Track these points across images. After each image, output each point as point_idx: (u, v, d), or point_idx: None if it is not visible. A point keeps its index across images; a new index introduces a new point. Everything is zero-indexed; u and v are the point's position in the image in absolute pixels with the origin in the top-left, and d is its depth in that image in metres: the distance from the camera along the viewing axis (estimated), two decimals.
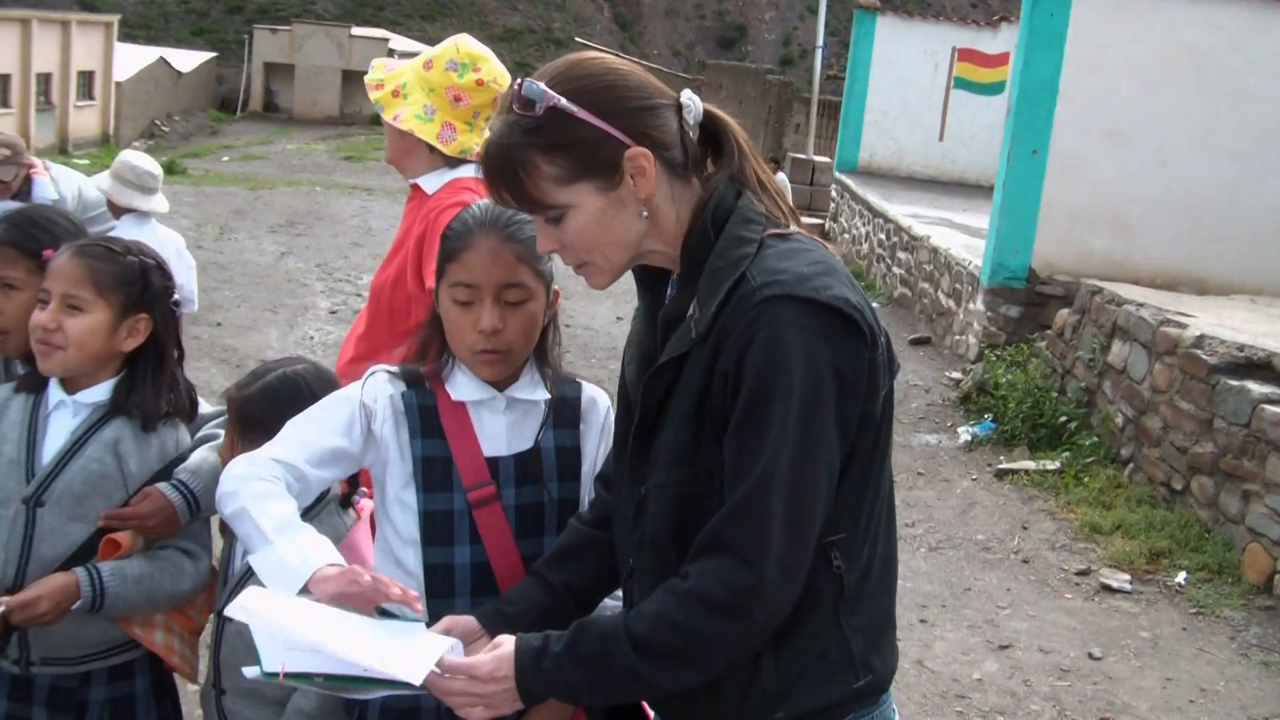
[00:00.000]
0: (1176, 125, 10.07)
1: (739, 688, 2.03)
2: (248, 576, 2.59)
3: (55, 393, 2.77)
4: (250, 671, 2.07)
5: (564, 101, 1.94)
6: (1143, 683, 5.58)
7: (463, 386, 2.47)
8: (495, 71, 3.48)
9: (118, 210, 6.31)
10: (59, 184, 6.02)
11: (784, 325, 1.87)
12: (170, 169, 25.30)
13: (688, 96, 2.06)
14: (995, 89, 18.21)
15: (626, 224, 2.01)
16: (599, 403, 2.63)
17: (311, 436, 2.39)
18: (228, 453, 2.64)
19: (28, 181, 5.94)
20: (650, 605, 1.98)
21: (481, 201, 2.49)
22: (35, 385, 2.79)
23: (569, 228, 2.01)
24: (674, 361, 1.99)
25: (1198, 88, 10.04)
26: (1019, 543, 7.23)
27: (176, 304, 2.86)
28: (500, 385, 2.49)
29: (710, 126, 2.08)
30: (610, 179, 1.97)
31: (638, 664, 1.94)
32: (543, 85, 1.96)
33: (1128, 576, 6.71)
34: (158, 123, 48.21)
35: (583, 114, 1.95)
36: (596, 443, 2.60)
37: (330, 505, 2.72)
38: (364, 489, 2.84)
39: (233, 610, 2.11)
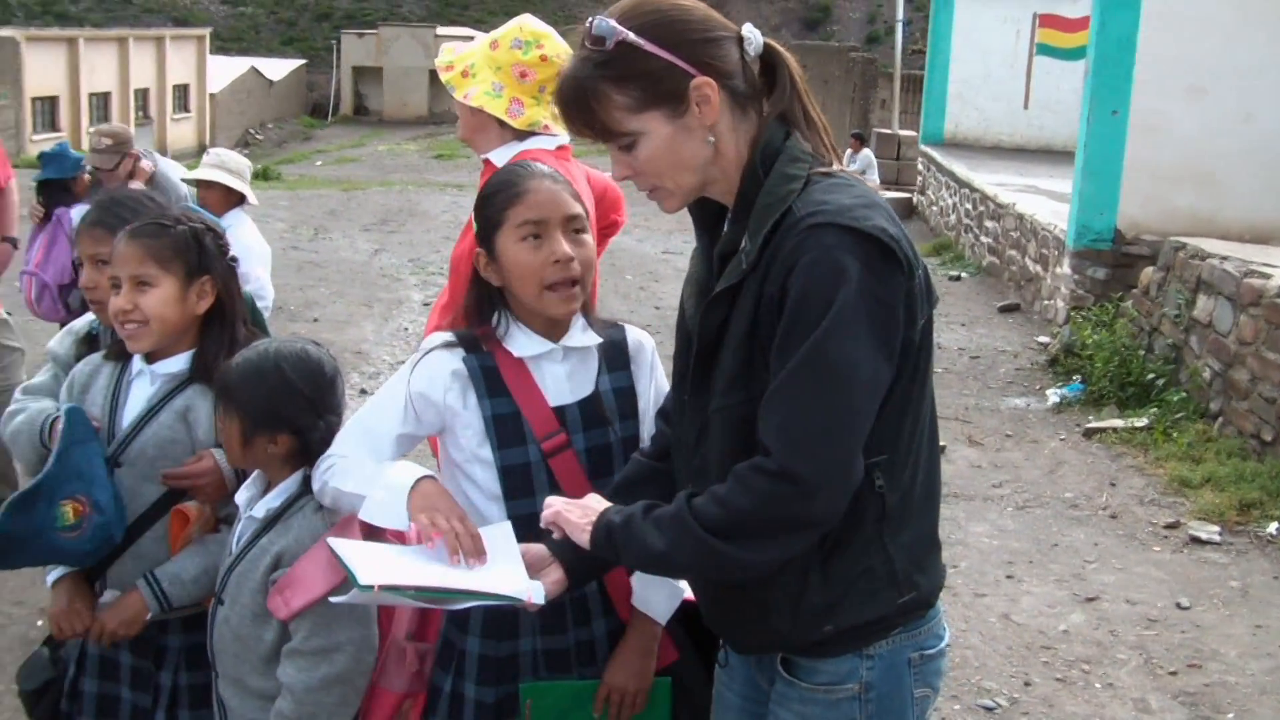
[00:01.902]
0: (1259, 77, 9.93)
1: (789, 602, 2.15)
2: (239, 561, 2.73)
3: (137, 362, 2.98)
4: (339, 597, 2.25)
5: (632, 36, 2.10)
6: (1231, 630, 5.60)
7: (521, 343, 2.61)
8: (558, 48, 3.64)
9: (221, 207, 6.47)
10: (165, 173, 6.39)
11: (825, 250, 1.99)
12: (265, 175, 25.77)
13: (748, 30, 2.18)
14: (1078, 53, 17.92)
15: (694, 150, 2.15)
16: (645, 344, 2.77)
17: (371, 424, 2.62)
18: (219, 421, 2.78)
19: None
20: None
21: (513, 165, 2.67)
22: (122, 353, 3.01)
23: (640, 154, 2.16)
24: (728, 291, 2.12)
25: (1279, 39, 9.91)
26: (1107, 499, 7.25)
27: (234, 259, 3.04)
28: (553, 337, 2.62)
29: (769, 59, 2.20)
30: (677, 107, 2.12)
31: (694, 526, 2.08)
32: (612, 21, 2.11)
33: (1217, 528, 6.71)
34: (251, 131, 49.11)
35: (650, 46, 2.10)
36: (648, 381, 2.74)
37: (306, 507, 2.72)
38: None
39: (333, 543, 2.31)
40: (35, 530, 2.78)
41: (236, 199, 6.48)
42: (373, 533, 2.52)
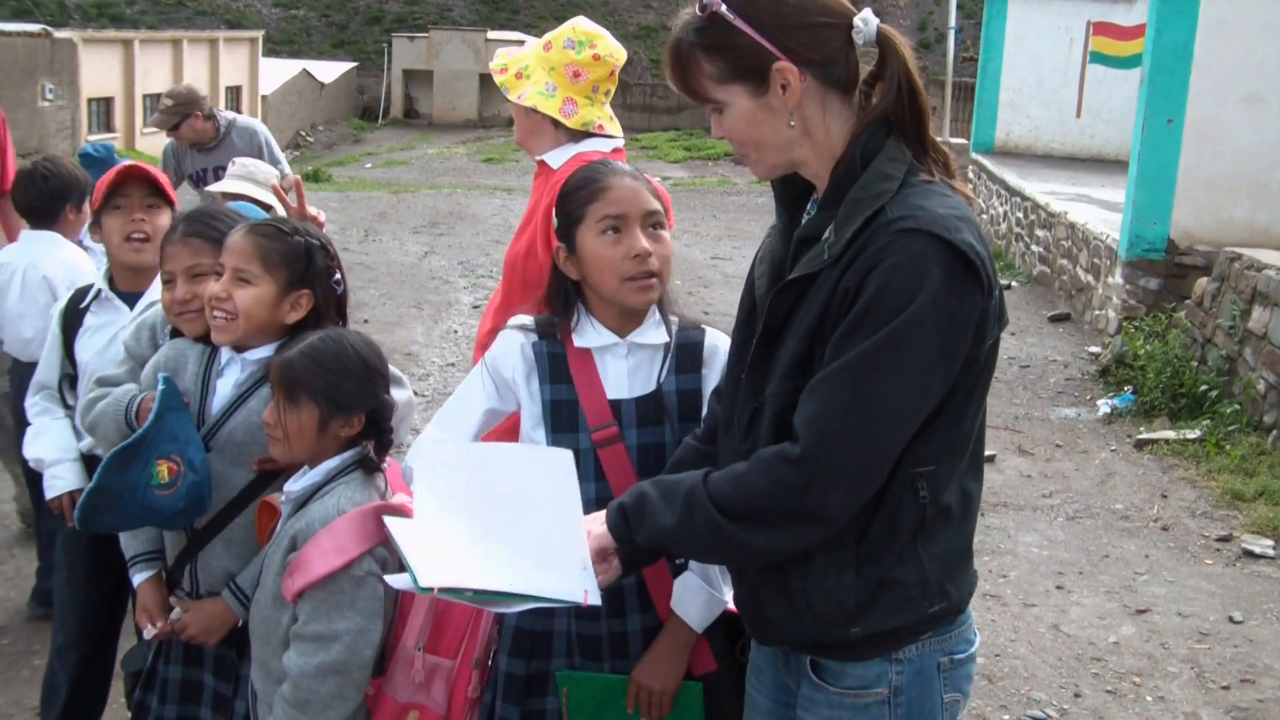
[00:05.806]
0: None
1: (819, 598, 2.15)
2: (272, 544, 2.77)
3: (226, 350, 3.01)
4: (398, 581, 2.26)
5: (724, 9, 2.10)
6: None
7: (587, 335, 2.67)
8: (611, 47, 3.65)
9: None
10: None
11: (911, 256, 1.98)
12: (315, 177, 25.92)
13: (863, 18, 2.15)
14: (1133, 62, 17.75)
15: (775, 129, 2.15)
16: (721, 348, 2.76)
17: (465, 403, 2.70)
18: (271, 417, 2.76)
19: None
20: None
21: (594, 162, 2.73)
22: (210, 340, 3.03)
23: (725, 121, 2.18)
24: (803, 279, 2.12)
25: None
26: (1158, 511, 7.19)
27: (338, 283, 3.05)
28: (622, 332, 2.67)
29: (883, 48, 2.16)
30: (759, 86, 2.12)
31: (706, 503, 2.10)
32: None
33: (1271, 542, 6.64)
34: (302, 133, 49.37)
35: (739, 23, 2.10)
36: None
37: (353, 477, 2.76)
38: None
39: (393, 532, 2.31)
40: (130, 486, 2.84)
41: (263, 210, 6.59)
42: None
